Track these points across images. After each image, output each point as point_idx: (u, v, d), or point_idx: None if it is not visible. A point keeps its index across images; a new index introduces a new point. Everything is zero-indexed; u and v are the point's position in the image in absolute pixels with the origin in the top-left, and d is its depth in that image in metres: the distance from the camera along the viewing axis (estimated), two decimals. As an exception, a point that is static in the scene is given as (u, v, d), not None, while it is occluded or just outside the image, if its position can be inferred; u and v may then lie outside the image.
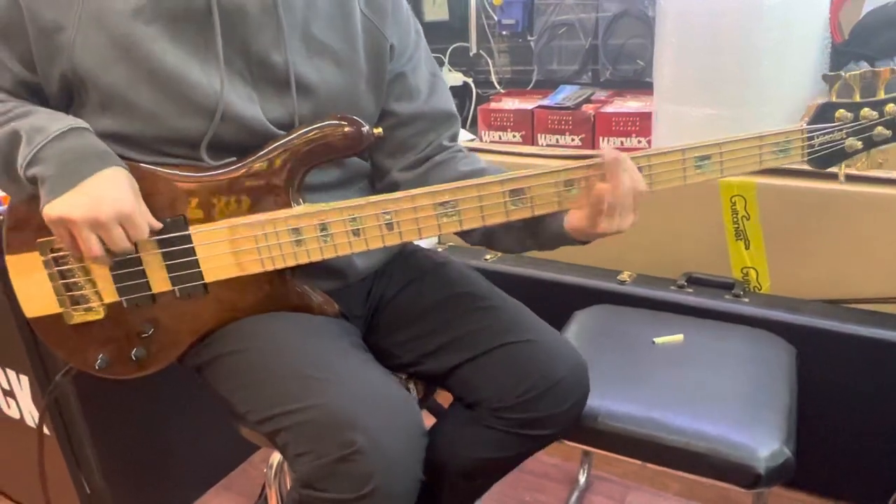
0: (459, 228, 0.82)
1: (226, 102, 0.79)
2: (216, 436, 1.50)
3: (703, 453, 0.94)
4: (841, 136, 0.84)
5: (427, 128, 0.96)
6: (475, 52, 2.40)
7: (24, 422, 1.30)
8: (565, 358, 0.90)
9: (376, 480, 0.70)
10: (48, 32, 0.76)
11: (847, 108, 0.83)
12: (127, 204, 0.74)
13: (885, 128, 0.83)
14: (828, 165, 0.86)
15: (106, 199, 0.73)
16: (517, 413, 0.87)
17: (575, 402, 0.90)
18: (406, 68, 0.94)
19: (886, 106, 0.83)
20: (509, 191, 0.81)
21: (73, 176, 0.73)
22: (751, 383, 1.06)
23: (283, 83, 0.83)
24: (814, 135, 0.84)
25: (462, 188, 0.81)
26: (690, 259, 1.50)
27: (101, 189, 0.73)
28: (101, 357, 0.87)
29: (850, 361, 1.26)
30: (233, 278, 0.84)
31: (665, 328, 1.22)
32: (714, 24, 1.48)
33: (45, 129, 0.74)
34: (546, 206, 0.82)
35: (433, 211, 0.81)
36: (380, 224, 0.81)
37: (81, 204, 0.72)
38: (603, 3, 2.14)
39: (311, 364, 0.79)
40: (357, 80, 0.89)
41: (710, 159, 0.83)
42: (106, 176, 0.74)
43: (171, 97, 0.78)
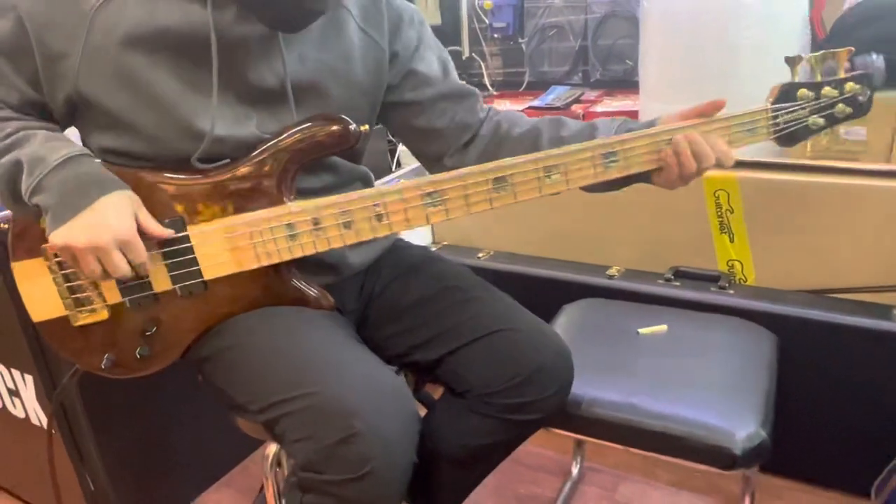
0: (446, 218, 0.86)
1: (220, 126, 0.83)
2: (217, 434, 1.54)
3: (681, 436, 0.97)
4: (804, 114, 0.88)
5: (450, 107, 0.99)
6: (468, 55, 2.44)
7: (29, 421, 1.34)
8: (549, 345, 0.93)
9: (373, 462, 0.73)
10: (54, 59, 0.79)
11: (809, 88, 0.87)
12: (125, 230, 0.78)
13: (846, 105, 0.88)
14: (794, 143, 0.90)
15: (106, 226, 0.76)
16: (505, 398, 0.90)
17: (559, 387, 0.93)
18: (413, 62, 0.97)
19: (846, 84, 0.87)
20: (493, 179, 0.85)
21: (75, 205, 0.76)
22: (730, 370, 1.09)
23: (281, 102, 0.87)
24: (778, 114, 0.88)
25: (447, 179, 0.84)
26: (677, 253, 1.53)
27: (100, 217, 0.77)
28: (107, 357, 0.90)
29: (834, 350, 1.29)
30: (231, 275, 0.87)
31: (650, 320, 1.25)
32: (696, 22, 1.52)
33: (45, 160, 0.78)
34: (529, 192, 0.86)
35: (420, 202, 0.85)
36: (369, 216, 0.85)
37: (82, 232, 0.76)
38: (591, 6, 2.19)
39: (308, 354, 0.82)
40: (353, 91, 0.93)
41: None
42: (106, 203, 0.78)
43: (170, 124, 0.82)
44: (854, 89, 0.87)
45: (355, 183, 1.00)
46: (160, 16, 0.79)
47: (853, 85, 0.87)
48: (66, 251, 0.78)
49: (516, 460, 1.57)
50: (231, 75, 0.84)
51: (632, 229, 1.59)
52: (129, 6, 0.79)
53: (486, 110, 1.01)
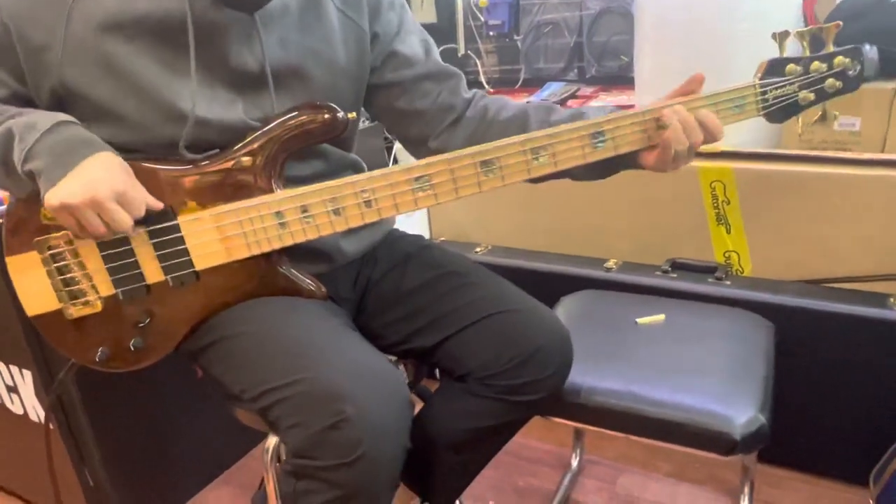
0: (435, 202, 0.86)
1: (206, 109, 0.84)
2: (216, 430, 1.54)
3: (681, 423, 0.97)
4: (793, 89, 0.87)
5: (433, 87, 0.99)
6: (463, 52, 2.44)
7: (27, 417, 1.34)
8: (547, 325, 0.94)
9: (364, 447, 0.73)
10: (36, 51, 0.80)
11: (797, 63, 0.86)
12: (120, 182, 0.78)
13: (835, 79, 0.86)
14: (784, 118, 0.89)
15: (100, 179, 0.76)
16: (504, 380, 0.91)
17: (558, 366, 0.93)
18: (394, 44, 0.97)
19: (835, 59, 0.86)
20: (480, 162, 0.85)
21: (66, 164, 0.76)
22: (728, 357, 1.09)
23: (264, 87, 0.87)
24: (766, 89, 0.87)
25: (434, 163, 0.84)
26: (674, 245, 1.54)
27: (94, 171, 0.77)
28: (101, 350, 0.90)
29: (831, 339, 1.30)
30: (223, 265, 0.87)
31: (648, 310, 1.25)
32: (689, 15, 1.52)
33: (36, 126, 0.78)
34: (517, 174, 0.86)
35: (408, 186, 0.85)
36: (358, 202, 0.85)
37: (78, 187, 0.75)
38: (586, 2, 2.19)
39: (301, 342, 0.82)
40: (335, 74, 0.93)
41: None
42: (97, 159, 0.78)
43: (154, 108, 0.82)
44: (843, 63, 0.86)
45: (346, 171, 1.00)
46: (137, 2, 0.79)
47: (842, 59, 0.86)
48: (64, 211, 0.76)
49: (515, 453, 1.58)
50: (212, 59, 0.84)
51: (628, 222, 1.59)
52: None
53: (472, 93, 1.01)
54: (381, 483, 0.77)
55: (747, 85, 0.87)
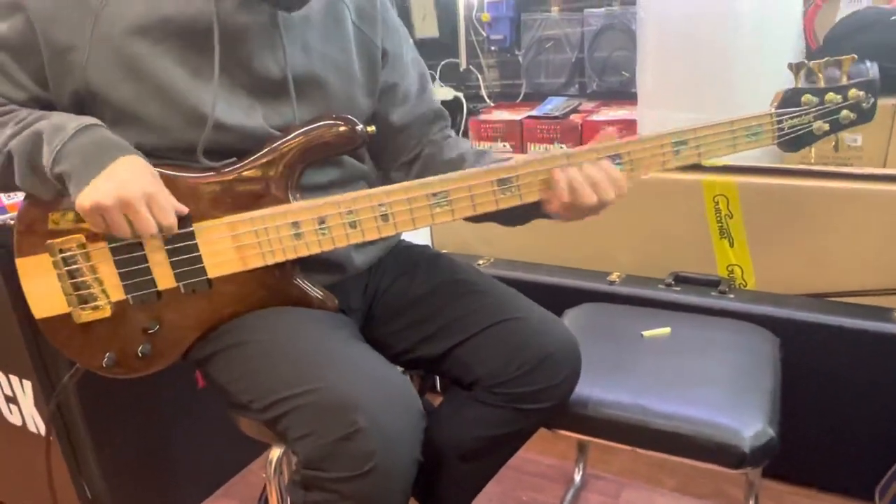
0: (452, 218, 0.86)
1: (227, 114, 0.84)
2: (217, 442, 1.52)
3: (690, 436, 0.97)
4: (808, 119, 0.89)
5: (419, 129, 1.03)
6: (465, 67, 2.47)
7: (26, 428, 1.32)
8: (556, 333, 0.94)
9: (376, 459, 0.73)
10: (61, 52, 0.80)
11: (812, 94, 0.88)
12: (151, 185, 0.78)
13: (849, 111, 0.88)
14: (798, 148, 0.91)
15: (131, 181, 0.76)
16: (513, 387, 0.90)
17: (567, 375, 0.93)
18: (397, 77, 1.00)
19: (850, 91, 0.88)
20: (497, 180, 0.85)
21: (97, 165, 0.76)
22: (735, 370, 1.09)
23: (284, 94, 0.88)
24: (782, 119, 0.88)
25: (453, 179, 0.85)
26: (677, 258, 1.54)
27: (124, 173, 0.77)
28: (108, 355, 0.89)
29: (835, 353, 1.30)
30: (235, 274, 0.87)
31: (652, 323, 1.25)
32: (691, 30, 1.54)
33: (65, 128, 0.78)
34: (533, 193, 0.87)
35: (426, 202, 0.85)
36: (375, 216, 0.85)
37: (109, 189, 0.75)
38: (588, 18, 2.21)
39: (312, 351, 0.82)
40: (353, 85, 0.94)
41: (687, 144, 0.87)
42: (127, 161, 0.78)
43: (176, 111, 0.82)
44: (857, 96, 0.88)
45: (359, 180, 1.01)
46: (164, 5, 0.80)
47: (856, 91, 0.88)
48: (95, 212, 0.76)
49: (518, 468, 1.56)
50: (235, 64, 0.85)
51: (632, 235, 1.60)
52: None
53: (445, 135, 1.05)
54: (393, 496, 0.76)
55: (764, 114, 0.89)
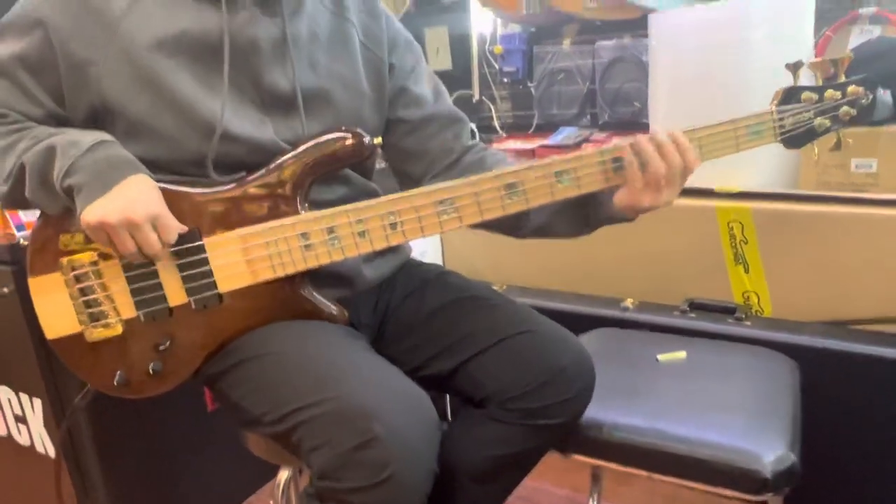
0: (460, 225, 0.86)
1: (237, 126, 0.86)
2: (224, 471, 1.50)
3: (708, 460, 0.94)
4: (809, 116, 0.90)
5: (438, 130, 1.02)
6: (478, 98, 2.49)
7: (34, 449, 1.31)
8: (569, 347, 0.92)
9: (393, 468, 0.71)
10: (78, 67, 0.82)
11: (812, 91, 0.89)
12: (157, 205, 0.79)
13: (849, 107, 0.89)
14: (800, 144, 0.91)
15: (138, 200, 0.78)
16: (524, 403, 0.89)
17: (581, 389, 0.91)
18: (408, 82, 1.01)
19: (849, 87, 0.89)
20: (504, 185, 0.86)
21: (106, 182, 0.78)
22: (754, 394, 1.07)
23: (293, 108, 0.90)
24: (783, 116, 0.89)
25: (458, 185, 0.85)
26: (692, 285, 1.53)
27: (132, 192, 0.78)
28: (119, 374, 0.89)
29: (854, 381, 1.27)
30: (246, 288, 0.87)
31: (668, 347, 1.23)
32: (703, 59, 1.55)
33: (79, 143, 0.79)
34: (540, 197, 0.87)
35: (433, 209, 0.85)
36: (384, 224, 0.85)
37: (116, 207, 0.77)
38: (599, 51, 2.24)
39: (325, 362, 0.81)
40: (361, 100, 0.96)
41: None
42: (136, 180, 0.80)
43: (187, 123, 0.84)
44: (856, 92, 0.89)
45: (366, 197, 0.99)
46: (179, 20, 0.83)
47: (855, 87, 0.89)
48: (100, 229, 0.77)
49: (530, 498, 1.52)
50: (245, 79, 0.87)
51: (646, 261, 1.59)
52: (152, 13, 0.82)
53: (474, 142, 1.05)
54: None
55: (764, 112, 0.90)
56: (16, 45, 0.83)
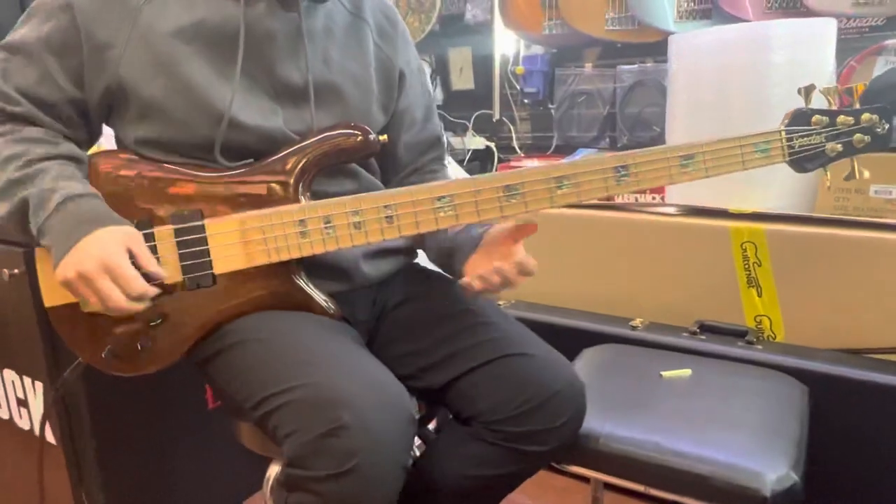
0: (455, 223, 0.86)
1: (245, 114, 0.87)
2: (221, 470, 1.49)
3: (706, 476, 0.91)
4: (820, 140, 0.87)
5: (418, 151, 1.08)
6: (498, 118, 2.51)
7: (33, 433, 1.32)
8: (561, 373, 0.90)
9: (359, 458, 0.70)
10: (99, 49, 0.85)
11: (823, 114, 0.87)
12: (108, 258, 0.78)
13: (863, 134, 0.86)
14: (810, 168, 0.89)
15: (89, 257, 0.78)
16: (511, 426, 0.87)
17: (569, 418, 0.89)
18: (408, 104, 1.05)
19: (862, 115, 0.86)
20: (504, 186, 0.85)
21: (68, 242, 0.79)
22: (759, 414, 1.03)
23: (304, 100, 0.91)
24: (792, 136, 0.87)
25: (459, 184, 0.85)
26: (703, 307, 1.50)
27: (87, 247, 0.79)
28: (109, 348, 0.89)
29: (868, 411, 1.22)
30: (240, 273, 0.87)
31: (673, 365, 1.21)
32: (722, 82, 1.55)
33: (48, 203, 0.81)
34: (538, 202, 0.86)
35: (430, 205, 0.85)
36: (380, 217, 0.85)
37: (71, 264, 0.78)
38: (621, 74, 2.25)
39: (306, 350, 0.81)
40: (369, 98, 0.98)
41: (694, 159, 0.86)
42: (95, 236, 0.80)
43: (198, 108, 0.86)
44: (871, 119, 0.86)
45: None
46: (198, 10, 0.85)
47: (869, 115, 0.86)
48: (67, 287, 0.80)
49: (528, 518, 1.48)
50: (258, 69, 0.88)
51: (656, 281, 1.56)
52: (172, 2, 0.85)
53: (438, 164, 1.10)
54: (375, 501, 0.72)
55: (773, 131, 0.88)
56: (42, 27, 0.85)
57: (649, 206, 1.64)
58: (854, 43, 1.85)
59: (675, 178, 0.86)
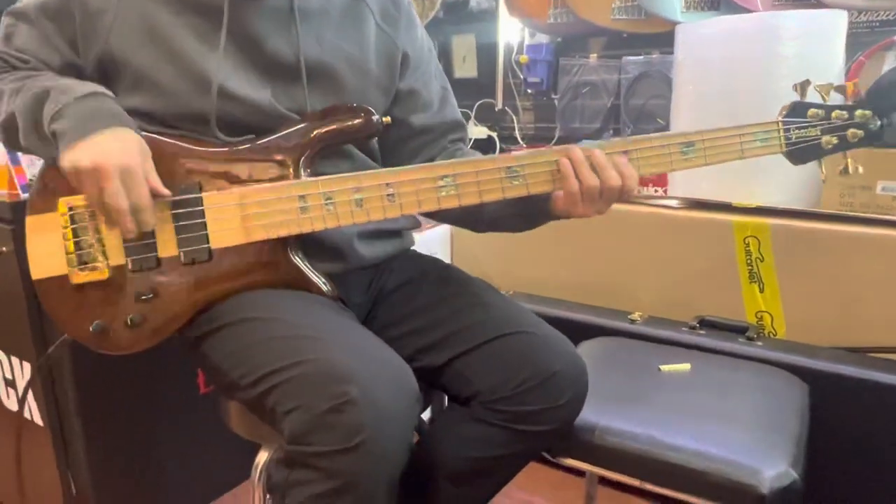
0: (458, 203, 0.85)
1: (234, 85, 0.86)
2: (211, 457, 1.48)
3: (703, 471, 0.89)
4: (816, 133, 0.89)
5: (437, 137, 1.04)
6: (500, 107, 2.48)
7: (20, 414, 1.30)
8: (562, 351, 0.88)
9: (365, 433, 0.68)
10: (92, 16, 0.84)
11: (818, 108, 0.88)
12: (129, 158, 0.78)
13: (857, 129, 0.88)
14: (806, 160, 0.90)
15: (112, 151, 0.77)
16: (511, 405, 0.85)
17: (571, 397, 0.87)
18: (419, 84, 1.02)
19: (856, 111, 0.88)
20: (506, 167, 0.84)
21: (87, 130, 0.77)
22: (758, 410, 1.01)
23: (295, 79, 0.90)
24: (790, 128, 0.88)
25: (461, 163, 0.84)
26: (703, 302, 1.47)
27: (108, 143, 0.77)
28: (97, 322, 0.87)
29: (869, 410, 1.20)
30: (236, 249, 0.86)
31: (673, 359, 1.19)
32: (729, 71, 1.52)
33: (71, 90, 0.80)
34: (540, 184, 0.85)
35: (433, 184, 0.84)
36: (382, 195, 0.84)
37: (89, 154, 0.76)
38: (626, 66, 2.22)
39: (306, 327, 0.79)
40: (366, 80, 0.96)
41: (694, 146, 0.86)
42: (115, 133, 0.79)
43: (187, 77, 0.85)
44: (864, 115, 0.88)
45: None
46: None
47: (863, 112, 0.88)
48: (72, 173, 0.78)
49: (522, 513, 1.47)
50: (248, 43, 0.87)
51: (657, 274, 1.54)
52: None
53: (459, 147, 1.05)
54: (379, 477, 0.71)
55: (771, 122, 0.89)
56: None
57: (651, 199, 1.61)
58: (864, 38, 1.81)
59: (676, 164, 0.87)
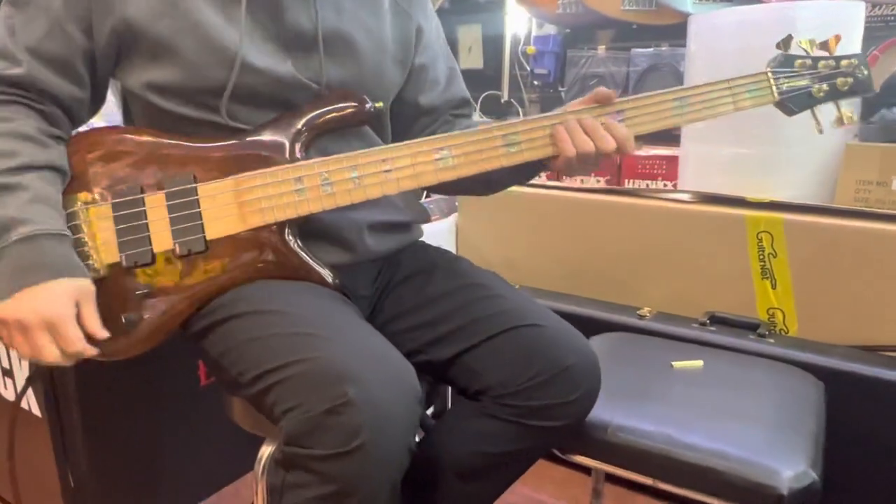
0: (456, 176, 0.84)
1: (256, 58, 0.83)
2: (212, 450, 1.45)
3: (719, 471, 0.86)
4: (806, 82, 0.90)
5: (443, 114, 1.04)
6: (506, 99, 2.45)
7: (18, 404, 1.27)
8: (575, 345, 0.86)
9: (364, 436, 0.66)
10: None
11: (806, 58, 0.90)
12: (53, 314, 0.73)
13: (845, 77, 0.89)
14: (799, 110, 0.91)
15: (34, 308, 0.73)
16: (522, 400, 0.83)
17: (583, 392, 0.85)
18: (427, 60, 1.01)
19: (842, 61, 0.90)
20: (502, 135, 0.85)
21: (19, 281, 0.73)
22: (774, 408, 0.99)
23: (314, 50, 0.88)
24: (779, 76, 0.90)
25: (456, 135, 0.84)
26: (714, 297, 1.45)
27: (34, 297, 0.73)
28: None
29: (883, 409, 1.18)
30: (233, 240, 0.83)
31: (685, 356, 1.16)
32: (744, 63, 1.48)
33: (11, 231, 0.74)
34: (537, 150, 0.86)
35: (429, 157, 0.84)
36: (378, 171, 0.83)
37: (14, 308, 0.72)
38: (635, 58, 2.19)
39: (307, 323, 0.76)
40: (383, 52, 0.94)
41: (687, 101, 0.88)
42: (47, 287, 0.74)
43: (207, 48, 0.82)
44: (851, 63, 0.89)
45: None
46: None
47: (849, 60, 0.89)
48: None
49: (527, 510, 1.45)
50: (268, 16, 0.85)
51: (666, 269, 1.52)
52: None
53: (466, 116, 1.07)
54: (378, 481, 0.68)
55: (760, 72, 0.91)
56: None
57: (662, 193, 1.59)
58: (878, 32, 1.79)
59: (671, 120, 0.88)
